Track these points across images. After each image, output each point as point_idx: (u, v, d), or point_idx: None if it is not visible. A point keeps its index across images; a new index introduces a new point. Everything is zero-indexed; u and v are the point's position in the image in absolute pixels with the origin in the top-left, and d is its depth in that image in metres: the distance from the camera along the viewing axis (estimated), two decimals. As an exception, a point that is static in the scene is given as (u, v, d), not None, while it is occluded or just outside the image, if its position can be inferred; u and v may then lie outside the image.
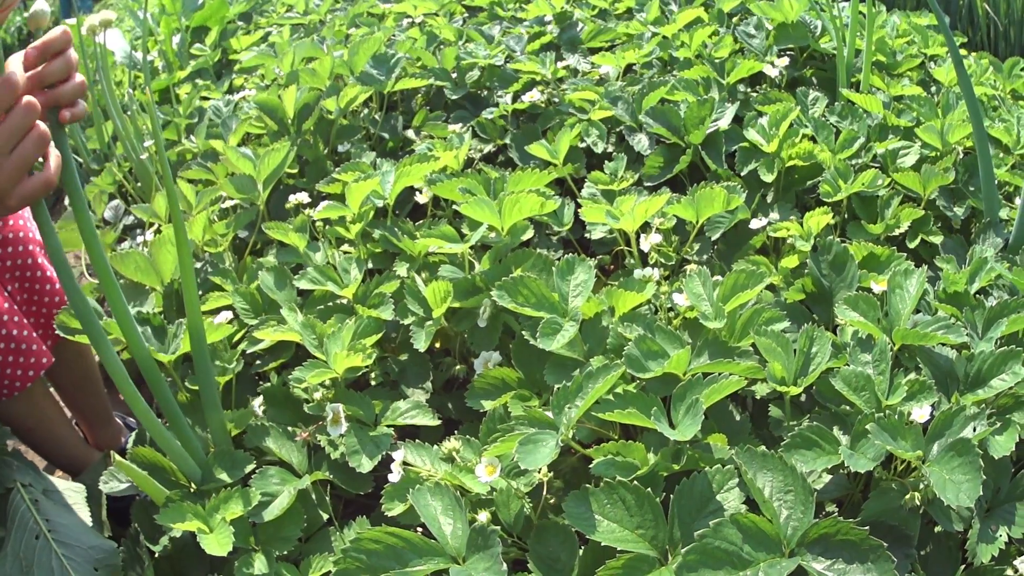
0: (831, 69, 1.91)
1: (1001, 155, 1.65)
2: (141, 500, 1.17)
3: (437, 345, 1.36)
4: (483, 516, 0.94)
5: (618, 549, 0.84)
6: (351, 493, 1.23)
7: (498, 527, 0.88)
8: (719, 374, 0.97)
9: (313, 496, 1.16)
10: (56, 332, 1.21)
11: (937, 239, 1.44)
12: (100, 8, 4.80)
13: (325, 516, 1.14)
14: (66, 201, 2.01)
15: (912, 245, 1.43)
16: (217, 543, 0.99)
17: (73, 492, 1.19)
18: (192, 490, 1.13)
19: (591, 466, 0.94)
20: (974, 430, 0.96)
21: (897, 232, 1.41)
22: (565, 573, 0.94)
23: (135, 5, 2.50)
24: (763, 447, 0.89)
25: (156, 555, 1.13)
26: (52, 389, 1.53)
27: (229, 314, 1.22)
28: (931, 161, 1.57)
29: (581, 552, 0.93)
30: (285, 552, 1.07)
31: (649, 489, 0.87)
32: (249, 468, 1.13)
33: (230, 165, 1.47)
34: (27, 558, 1.01)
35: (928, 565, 0.97)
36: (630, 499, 0.87)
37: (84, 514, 1.15)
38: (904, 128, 1.64)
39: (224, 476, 1.12)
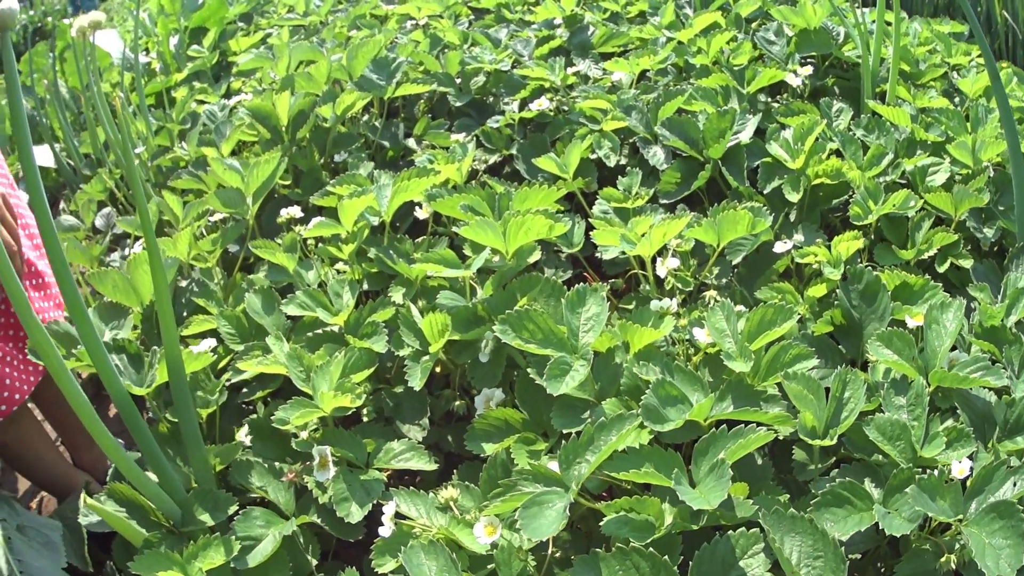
0: (853, 78, 1.81)
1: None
2: (120, 537, 1.10)
3: (438, 370, 1.28)
4: (486, 582, 0.86)
5: (632, 624, 0.76)
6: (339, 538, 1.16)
7: (499, 598, 0.80)
8: (744, 424, 0.89)
9: (300, 540, 1.08)
10: (40, 367, 1.15)
11: (967, 263, 1.35)
12: (104, 8, 4.71)
13: (313, 562, 1.07)
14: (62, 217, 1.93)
15: (941, 269, 1.34)
16: (194, 599, 0.91)
17: (50, 531, 1.11)
18: (172, 531, 1.05)
19: (602, 524, 0.86)
20: (1015, 485, 0.88)
21: (926, 256, 1.32)
22: (574, 645, 0.86)
23: (132, 5, 2.42)
24: (792, 509, 0.81)
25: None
26: (38, 412, 1.47)
27: (212, 342, 1.14)
28: (961, 179, 1.48)
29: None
30: (270, 603, 1.00)
31: (666, 557, 0.79)
32: (232, 510, 1.06)
33: (217, 178, 1.39)
34: None
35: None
36: (645, 567, 0.79)
37: (61, 552, 1.08)
38: (933, 143, 1.55)
39: (206, 518, 1.05)
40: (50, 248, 0.91)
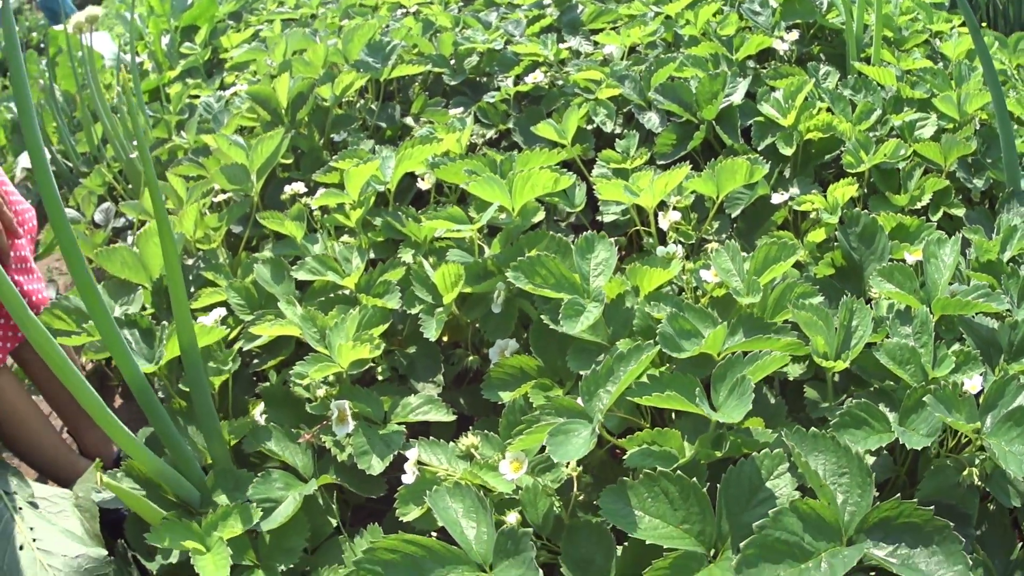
0: (838, 45, 1.86)
1: (1016, 127, 1.60)
2: (134, 515, 1.09)
3: (445, 339, 1.29)
4: (512, 517, 0.86)
5: (664, 548, 0.77)
6: (360, 498, 1.15)
7: (529, 529, 0.80)
8: (759, 352, 0.90)
9: (320, 502, 1.08)
10: (15, 335, 1.14)
11: (960, 211, 1.39)
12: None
13: (334, 523, 1.06)
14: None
15: (935, 218, 1.38)
16: (213, 565, 0.90)
17: (61, 499, 1.10)
18: (191, 511, 1.04)
19: (625, 458, 0.87)
20: (1027, 399, 0.90)
21: (920, 205, 1.36)
22: (601, 578, 0.86)
23: (122, 7, 2.43)
24: (813, 429, 0.82)
25: (154, 573, 1.04)
26: (40, 399, 1.45)
27: (222, 311, 1.14)
28: (949, 132, 1.52)
29: (619, 552, 0.86)
30: (291, 565, 0.99)
31: (694, 479, 0.80)
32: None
33: (221, 156, 1.40)
34: (10, 571, 0.92)
35: (984, 546, 0.91)
36: (673, 491, 0.80)
37: (73, 522, 1.07)
38: (919, 100, 1.59)
39: (224, 499, 1.03)
40: (58, 225, 0.90)
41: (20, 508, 1.01)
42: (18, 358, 1.35)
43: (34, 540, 0.97)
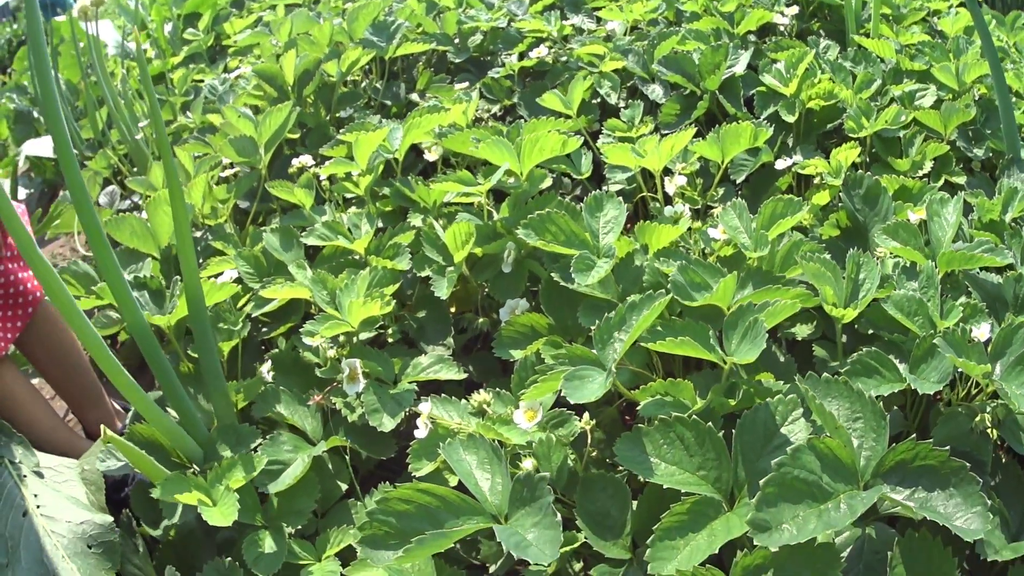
0: (837, 22, 1.88)
1: (1014, 100, 1.62)
2: (139, 484, 1.09)
3: (452, 310, 1.30)
4: (528, 463, 0.87)
5: (682, 493, 0.77)
6: (370, 464, 1.16)
7: (546, 474, 0.81)
8: (769, 301, 0.91)
9: (330, 466, 1.08)
10: (18, 323, 1.15)
11: (961, 179, 1.40)
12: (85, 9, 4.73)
13: (344, 487, 1.06)
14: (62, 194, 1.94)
15: (936, 186, 1.39)
16: (220, 514, 0.90)
17: (66, 468, 1.10)
18: (196, 472, 1.04)
19: (639, 407, 0.88)
20: (1035, 346, 0.91)
21: (921, 173, 1.37)
22: (617, 529, 0.86)
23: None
24: (826, 374, 0.83)
25: (159, 543, 1.05)
26: (39, 381, 1.45)
27: (234, 272, 1.15)
28: (949, 101, 1.54)
29: (634, 506, 0.86)
30: (299, 527, 0.99)
31: (710, 424, 0.80)
32: (256, 443, 1.04)
33: (230, 128, 1.41)
34: (12, 537, 0.92)
35: (999, 495, 0.92)
36: (689, 437, 0.80)
37: (79, 491, 1.06)
38: (918, 71, 1.61)
39: (228, 454, 1.03)
40: (77, 194, 0.90)
41: (24, 476, 1.01)
42: (18, 343, 1.35)
43: (38, 507, 0.97)
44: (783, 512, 0.71)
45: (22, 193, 2.24)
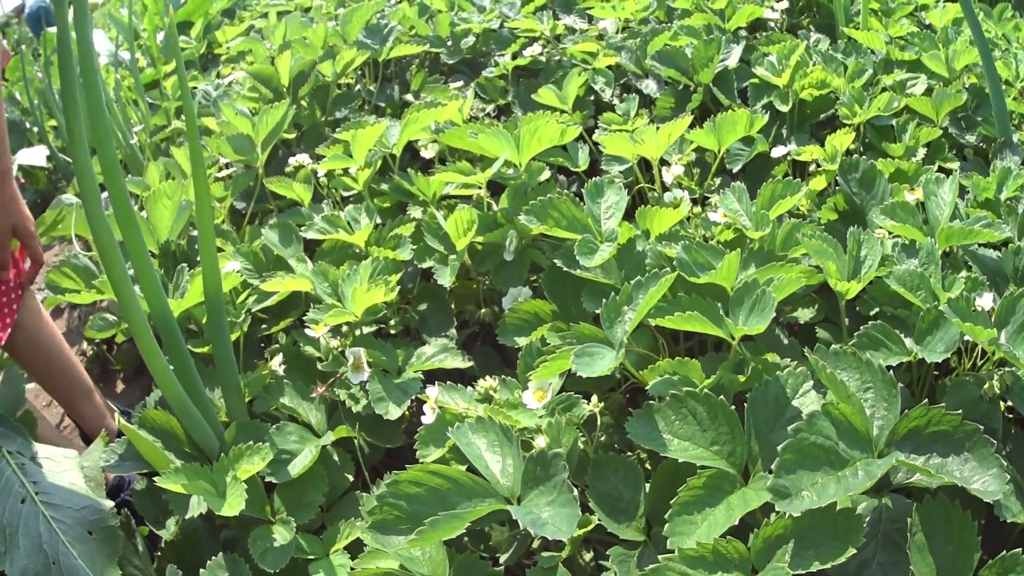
0: (827, 16, 1.90)
1: (1004, 88, 1.64)
2: (144, 487, 1.07)
3: (453, 306, 1.29)
4: (541, 441, 0.86)
5: (697, 467, 0.77)
6: (375, 458, 1.14)
7: (560, 450, 0.80)
8: (774, 276, 0.91)
9: (336, 458, 1.07)
10: (8, 321, 1.14)
11: (954, 165, 1.42)
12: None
13: (350, 479, 1.05)
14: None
15: (932, 169, 1.40)
16: (228, 504, 0.89)
17: (65, 458, 1.07)
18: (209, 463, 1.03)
19: (649, 386, 0.87)
20: (1039, 313, 0.91)
21: (915, 159, 1.38)
22: (630, 511, 0.85)
23: (116, 4, 2.45)
24: (835, 346, 0.82)
25: (160, 546, 1.02)
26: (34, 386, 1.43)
27: (236, 264, 1.14)
28: (940, 87, 1.56)
29: (646, 488, 0.86)
30: (306, 521, 0.98)
31: (722, 397, 0.80)
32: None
33: (226, 127, 1.40)
34: (11, 524, 0.89)
35: (1011, 463, 0.92)
36: (701, 411, 0.80)
37: (78, 478, 1.04)
38: (908, 61, 1.63)
39: None
40: (113, 183, 0.89)
41: (23, 464, 0.99)
42: (9, 348, 1.33)
43: (37, 494, 0.94)
44: (802, 478, 0.70)
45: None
